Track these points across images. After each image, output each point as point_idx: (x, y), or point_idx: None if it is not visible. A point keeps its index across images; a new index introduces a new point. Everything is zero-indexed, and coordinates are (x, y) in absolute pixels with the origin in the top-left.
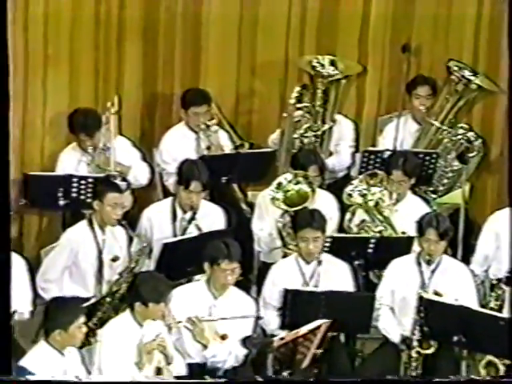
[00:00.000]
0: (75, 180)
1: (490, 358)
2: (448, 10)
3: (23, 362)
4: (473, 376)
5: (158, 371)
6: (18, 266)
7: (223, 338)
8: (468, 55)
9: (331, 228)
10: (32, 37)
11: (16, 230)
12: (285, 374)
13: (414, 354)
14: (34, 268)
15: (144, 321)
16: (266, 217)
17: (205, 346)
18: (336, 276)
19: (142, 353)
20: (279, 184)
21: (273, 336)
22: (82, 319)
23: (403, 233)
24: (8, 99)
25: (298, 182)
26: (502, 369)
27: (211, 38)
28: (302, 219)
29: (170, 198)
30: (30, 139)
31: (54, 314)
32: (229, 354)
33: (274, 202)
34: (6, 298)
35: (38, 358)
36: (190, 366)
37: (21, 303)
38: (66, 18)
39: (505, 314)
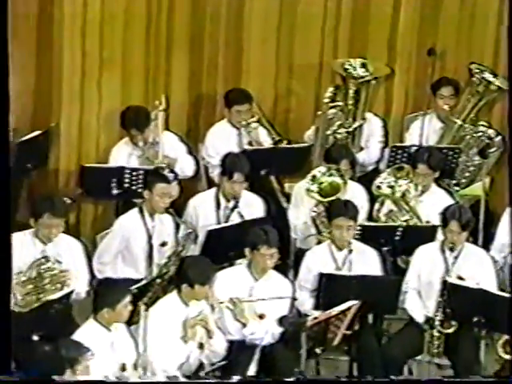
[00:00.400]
0: (127, 172)
1: (507, 337)
2: (471, 16)
3: (74, 337)
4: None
5: (201, 346)
6: (75, 249)
7: (261, 317)
8: (488, 59)
9: (361, 217)
10: (89, 41)
11: (74, 217)
12: (317, 350)
13: (435, 334)
14: (90, 252)
15: (190, 301)
16: (302, 207)
17: (244, 325)
18: (366, 261)
19: (186, 328)
20: (314, 176)
21: (307, 316)
22: (128, 298)
23: (427, 222)
24: (8, 99)
25: (331, 175)
26: None
27: (252, 42)
28: (337, 209)
29: (214, 189)
30: (87, 135)
31: (103, 294)
32: (266, 332)
33: (308, 193)
34: (6, 299)
35: (87, 334)
36: (230, 342)
37: (78, 284)
38: (119, 24)
39: None
